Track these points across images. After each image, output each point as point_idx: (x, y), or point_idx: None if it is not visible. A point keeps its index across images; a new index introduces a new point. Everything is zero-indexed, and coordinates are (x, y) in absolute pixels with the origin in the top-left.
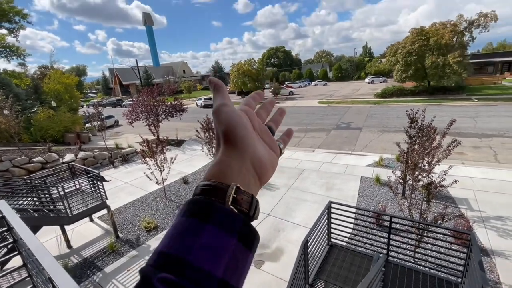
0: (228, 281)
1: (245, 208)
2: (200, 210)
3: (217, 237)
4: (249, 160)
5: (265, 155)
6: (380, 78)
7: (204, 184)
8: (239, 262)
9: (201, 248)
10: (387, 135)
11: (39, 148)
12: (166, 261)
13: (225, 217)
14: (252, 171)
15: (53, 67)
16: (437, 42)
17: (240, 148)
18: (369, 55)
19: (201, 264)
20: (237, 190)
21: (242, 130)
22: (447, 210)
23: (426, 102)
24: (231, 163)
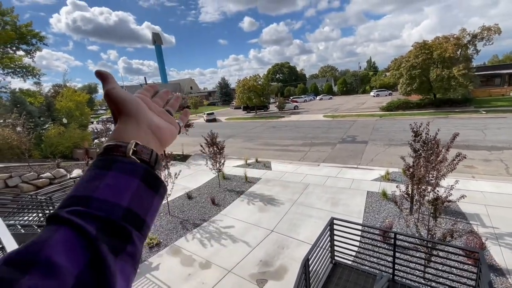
0: (135, 211)
1: (146, 158)
2: (104, 163)
3: (120, 179)
4: (146, 125)
5: (163, 124)
6: (385, 92)
7: (107, 144)
8: (143, 198)
9: (105, 186)
10: (394, 149)
11: (48, 164)
12: (72, 201)
13: (126, 165)
14: (150, 134)
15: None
16: (441, 56)
17: (136, 116)
18: (373, 69)
19: (106, 197)
20: (136, 144)
21: (134, 102)
22: (457, 226)
23: (433, 115)
24: (127, 127)
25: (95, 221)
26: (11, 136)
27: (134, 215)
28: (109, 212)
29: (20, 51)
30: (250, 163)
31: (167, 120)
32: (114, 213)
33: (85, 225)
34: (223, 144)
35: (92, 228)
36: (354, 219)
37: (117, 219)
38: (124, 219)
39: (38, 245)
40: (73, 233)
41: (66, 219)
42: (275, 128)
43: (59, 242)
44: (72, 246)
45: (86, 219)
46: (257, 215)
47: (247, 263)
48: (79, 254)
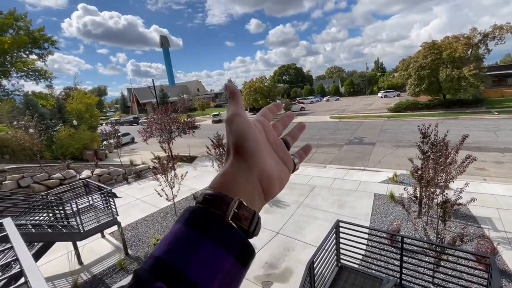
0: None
1: (245, 225)
2: (201, 222)
3: (215, 254)
4: (257, 175)
5: (274, 170)
6: (393, 92)
7: (208, 194)
8: (233, 279)
9: (198, 262)
10: (402, 150)
11: (58, 164)
12: (162, 269)
13: (225, 233)
14: (258, 186)
15: (76, 88)
16: (451, 56)
17: (249, 161)
18: (381, 69)
19: (196, 279)
20: (239, 205)
21: (253, 143)
22: (467, 230)
23: (443, 116)
24: (238, 176)
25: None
26: (23, 138)
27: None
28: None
29: (33, 55)
30: None
31: (282, 157)
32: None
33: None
34: None
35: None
36: (361, 221)
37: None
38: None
39: None
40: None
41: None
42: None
43: None
44: None
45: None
46: (262, 216)
47: (252, 265)
48: None
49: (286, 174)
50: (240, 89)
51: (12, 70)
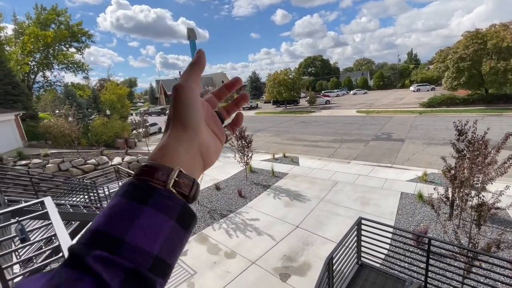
0: (164, 259)
1: (185, 191)
2: (139, 192)
3: (155, 219)
4: (196, 146)
5: (211, 143)
6: (427, 86)
7: (146, 165)
8: (175, 241)
9: (138, 228)
10: (434, 148)
11: (93, 151)
12: (101, 239)
13: (164, 200)
14: (198, 157)
15: (109, 80)
16: (497, 45)
17: (191, 134)
18: (414, 61)
19: (137, 243)
20: (179, 173)
21: (197, 118)
22: (505, 237)
23: (483, 112)
24: (178, 147)
25: (121, 272)
26: (63, 125)
27: (163, 263)
28: (138, 263)
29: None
30: (278, 158)
31: (215, 130)
32: (143, 263)
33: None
34: (251, 137)
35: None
36: (386, 220)
37: (145, 270)
38: (152, 270)
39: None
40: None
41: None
42: (305, 123)
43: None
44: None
45: (112, 269)
46: (282, 209)
47: (271, 256)
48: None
49: (219, 147)
50: (264, 81)
51: (54, 63)
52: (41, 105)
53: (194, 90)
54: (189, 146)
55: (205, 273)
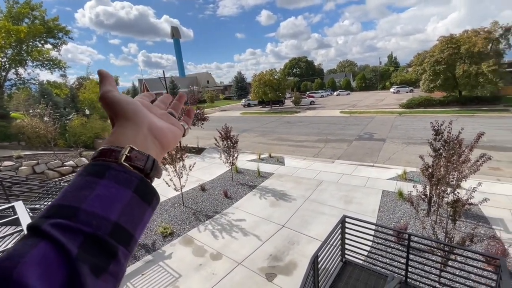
0: (124, 226)
1: (139, 165)
2: (96, 169)
3: (111, 188)
4: (146, 128)
5: (164, 126)
6: (406, 88)
7: (100, 149)
8: (134, 211)
9: (95, 197)
10: (413, 147)
11: (71, 152)
12: (57, 211)
13: (120, 173)
14: (150, 137)
15: (89, 78)
16: (469, 50)
17: (134, 119)
18: (394, 64)
19: (94, 210)
20: (131, 150)
21: (132, 105)
22: (477, 231)
23: (458, 113)
24: (125, 131)
25: (79, 236)
26: (38, 126)
27: (123, 230)
28: (95, 227)
29: (48, 44)
30: (263, 158)
31: (170, 122)
32: (101, 229)
33: (67, 242)
34: (237, 138)
35: (74, 246)
36: (368, 218)
37: (104, 235)
38: (111, 235)
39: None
40: (52, 251)
41: (46, 232)
42: (290, 123)
43: (35, 260)
44: (48, 266)
45: (69, 234)
46: (268, 209)
47: (257, 256)
48: (55, 275)
49: (177, 132)
50: (250, 81)
51: (28, 59)
52: (13, 104)
53: (113, 91)
54: (136, 129)
55: (190, 275)
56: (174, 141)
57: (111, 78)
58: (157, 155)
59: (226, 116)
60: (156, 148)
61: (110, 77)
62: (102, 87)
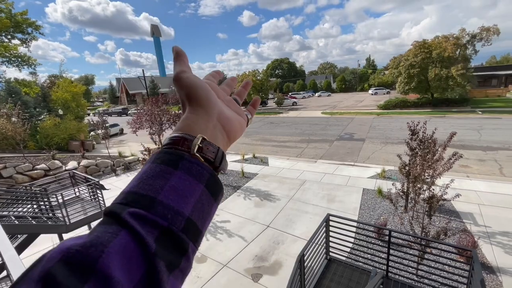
0: (196, 222)
1: (210, 157)
2: (170, 158)
3: (186, 181)
4: (216, 118)
5: (232, 115)
6: (383, 90)
7: (173, 136)
8: (204, 206)
9: (171, 189)
10: (390, 147)
11: (43, 155)
12: (135, 199)
13: (193, 165)
14: (219, 127)
15: (62, 76)
16: (440, 55)
17: (206, 106)
18: (372, 67)
19: (170, 203)
20: (203, 140)
21: (205, 91)
22: (450, 225)
23: (430, 114)
24: (197, 119)
25: (155, 229)
26: (5, 127)
27: (194, 226)
28: (171, 221)
29: (15, 40)
30: (247, 159)
31: (236, 110)
32: (176, 223)
33: (146, 236)
34: None
35: (152, 240)
36: (350, 215)
37: (178, 230)
38: (184, 231)
39: (97, 249)
40: (132, 243)
41: (127, 222)
42: (273, 124)
43: (118, 251)
44: (129, 258)
45: (147, 227)
46: (253, 210)
47: (242, 257)
48: (136, 269)
49: (243, 122)
50: None
51: None
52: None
53: (188, 73)
54: (207, 117)
55: None
56: (240, 131)
57: (186, 58)
58: (224, 147)
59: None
60: (224, 139)
61: (185, 56)
62: (177, 67)
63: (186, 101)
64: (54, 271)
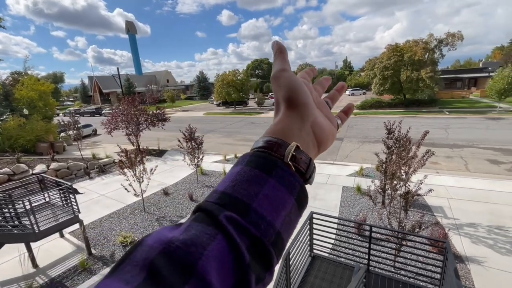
0: (283, 236)
1: (302, 168)
2: (264, 163)
3: (279, 191)
4: (310, 125)
5: (326, 124)
6: (360, 91)
7: (267, 140)
8: (292, 221)
9: (264, 198)
10: (367, 145)
11: (6, 158)
12: (231, 202)
13: (286, 174)
14: (311, 135)
15: (27, 73)
16: (411, 58)
17: (302, 111)
18: (349, 68)
19: (264, 212)
20: (296, 148)
21: (304, 95)
22: (424, 219)
23: (403, 114)
24: (292, 124)
25: (247, 238)
26: None
27: (281, 240)
28: (263, 232)
29: None
30: (229, 159)
31: (328, 116)
32: (268, 235)
33: (241, 244)
34: (202, 139)
35: (245, 249)
36: (331, 213)
37: (268, 243)
38: (273, 244)
39: (198, 250)
40: (227, 249)
41: (223, 225)
42: (255, 124)
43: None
44: (224, 265)
45: (241, 234)
46: None
47: None
48: (228, 278)
49: (334, 131)
50: (213, 81)
51: None
52: None
53: (290, 72)
54: (301, 123)
55: None
56: (331, 141)
57: (286, 54)
58: (313, 157)
59: (188, 116)
60: (314, 149)
61: (287, 53)
62: (277, 64)
63: (282, 102)
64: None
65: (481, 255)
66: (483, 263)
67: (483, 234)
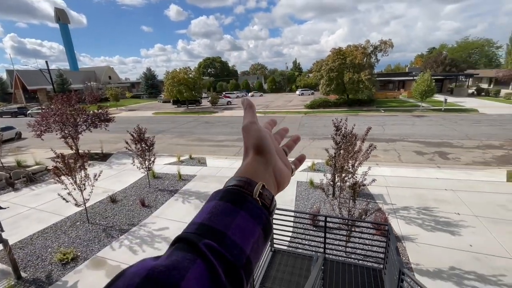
0: (252, 261)
1: (267, 203)
2: (235, 198)
3: (248, 222)
4: (271, 169)
5: (283, 168)
6: (309, 91)
7: (239, 179)
8: (259, 248)
9: (236, 227)
10: (317, 142)
11: None
12: (208, 231)
13: (254, 208)
14: (273, 177)
15: None
16: (352, 62)
17: (267, 157)
18: (298, 69)
19: (236, 240)
20: (263, 187)
21: (269, 144)
22: (368, 206)
23: (346, 113)
24: (258, 167)
25: (223, 263)
26: None
27: (250, 265)
28: (237, 258)
29: None
30: (184, 160)
31: (285, 162)
32: (240, 260)
33: (218, 268)
34: (153, 140)
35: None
36: (288, 207)
37: (240, 267)
38: (244, 269)
39: (179, 274)
40: (206, 272)
41: (204, 253)
42: (208, 123)
43: (195, 277)
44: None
45: (217, 259)
46: (193, 213)
47: None
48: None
49: (289, 175)
50: (162, 79)
51: None
52: None
53: (258, 124)
54: (266, 167)
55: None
56: (287, 183)
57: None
58: (274, 194)
59: (136, 116)
60: (274, 189)
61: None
62: (248, 117)
63: (251, 149)
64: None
65: (413, 234)
66: (415, 240)
67: (414, 215)
